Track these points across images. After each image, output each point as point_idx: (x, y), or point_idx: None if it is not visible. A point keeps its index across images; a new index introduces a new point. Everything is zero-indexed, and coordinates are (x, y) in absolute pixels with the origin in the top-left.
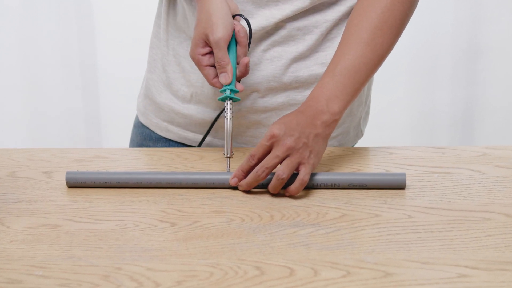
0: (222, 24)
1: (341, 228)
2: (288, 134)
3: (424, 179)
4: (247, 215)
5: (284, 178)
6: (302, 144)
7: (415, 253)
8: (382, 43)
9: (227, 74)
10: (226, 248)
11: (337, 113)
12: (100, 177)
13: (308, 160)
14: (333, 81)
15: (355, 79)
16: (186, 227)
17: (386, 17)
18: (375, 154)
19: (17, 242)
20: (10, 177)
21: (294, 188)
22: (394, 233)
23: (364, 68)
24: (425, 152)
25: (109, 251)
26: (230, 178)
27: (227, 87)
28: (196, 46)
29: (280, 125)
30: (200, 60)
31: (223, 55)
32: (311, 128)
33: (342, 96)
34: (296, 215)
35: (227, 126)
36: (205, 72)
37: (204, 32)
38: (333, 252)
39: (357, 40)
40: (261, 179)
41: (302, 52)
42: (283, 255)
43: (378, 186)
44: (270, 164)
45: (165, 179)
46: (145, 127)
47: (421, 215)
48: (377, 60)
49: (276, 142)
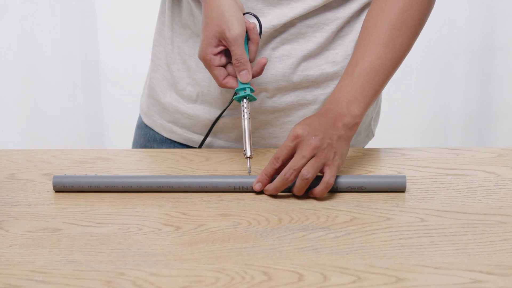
0: (236, 21)
1: (351, 232)
2: (312, 134)
3: (438, 181)
4: (254, 219)
5: (309, 178)
6: (327, 144)
7: (428, 258)
8: (401, 44)
9: (248, 72)
10: (232, 253)
11: (358, 115)
12: (89, 181)
13: (333, 161)
14: (352, 84)
15: (374, 81)
16: (191, 231)
17: (404, 17)
18: (387, 155)
19: (17, 246)
20: (9, 179)
21: (319, 191)
22: (406, 237)
23: (383, 69)
24: (438, 153)
25: (111, 256)
26: (253, 183)
27: (245, 85)
28: (209, 45)
29: (303, 125)
30: (212, 60)
31: (242, 52)
32: (334, 129)
33: (362, 99)
34: (305, 219)
35: (245, 125)
36: (216, 73)
37: (218, 30)
38: (343, 257)
39: (375, 41)
40: (290, 182)
41: (312, 50)
42: (291, 259)
43: (377, 189)
44: (297, 166)
45: (171, 183)
46: (148, 128)
47: (434, 219)
48: (396, 61)
49: (301, 142)
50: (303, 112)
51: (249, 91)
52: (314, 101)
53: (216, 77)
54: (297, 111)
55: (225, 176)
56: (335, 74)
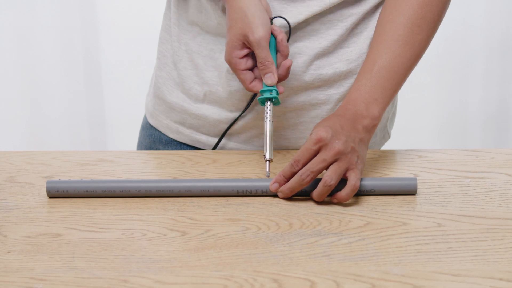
0: (260, 22)
1: (365, 238)
2: (336, 137)
3: (456, 184)
4: (264, 224)
5: (332, 185)
6: (350, 148)
7: (445, 265)
8: (420, 41)
9: (273, 75)
10: (241, 259)
11: (377, 117)
12: (85, 186)
13: (356, 165)
14: (371, 83)
15: (393, 80)
16: (198, 236)
17: (423, 13)
18: (403, 157)
19: (15, 252)
20: (8, 182)
21: (344, 195)
22: (423, 243)
23: (402, 68)
24: (456, 155)
25: (114, 262)
26: (270, 183)
27: (271, 87)
28: (233, 49)
29: (326, 127)
30: (238, 64)
31: (267, 54)
32: (355, 132)
33: (381, 99)
34: (317, 223)
35: (267, 128)
36: (242, 77)
37: (242, 33)
38: (357, 264)
39: (393, 38)
40: (305, 183)
41: (325, 48)
42: (302, 266)
43: (387, 192)
44: (316, 168)
45: (171, 188)
46: (154, 129)
47: (452, 224)
48: (414, 59)
49: (324, 146)
50: (315, 113)
51: (275, 93)
52: (327, 101)
53: (243, 81)
54: (309, 111)
55: (234, 179)
56: (349, 73)
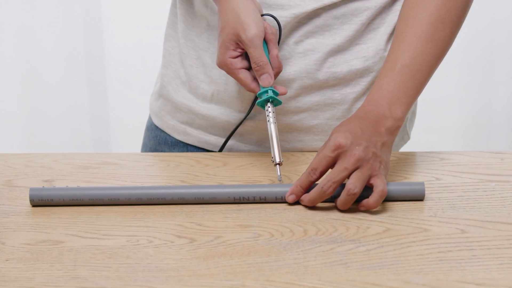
0: (253, 22)
1: (384, 245)
2: (356, 143)
3: (480, 189)
4: (277, 230)
5: (356, 193)
6: (371, 154)
7: (469, 274)
8: (444, 37)
9: (269, 75)
10: (253, 268)
11: (401, 118)
12: (71, 194)
13: (379, 171)
14: (394, 82)
15: (417, 79)
16: (207, 244)
17: (447, 8)
18: (424, 160)
19: (14, 260)
20: (6, 186)
21: (373, 201)
22: (445, 250)
23: (425, 66)
24: (481, 158)
25: (119, 271)
26: (286, 194)
27: (268, 88)
28: (226, 49)
29: (345, 133)
30: (233, 64)
31: (260, 53)
32: (377, 136)
33: (404, 99)
34: (333, 230)
35: (271, 130)
36: (241, 76)
37: (234, 33)
38: (376, 272)
39: (416, 34)
40: (328, 195)
41: (339, 44)
42: (318, 275)
43: (392, 197)
44: (338, 178)
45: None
46: (159, 130)
47: (476, 230)
48: (438, 56)
49: (343, 153)
50: (330, 114)
51: (271, 93)
52: (342, 101)
53: (243, 81)
54: (323, 112)
55: (247, 185)
56: (366, 71)
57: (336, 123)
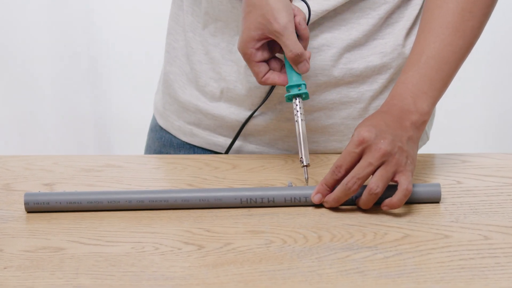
0: (283, 7)
1: (403, 252)
2: (381, 137)
3: (504, 193)
4: (290, 236)
5: (378, 193)
6: (397, 148)
7: (492, 282)
8: (472, 28)
9: (306, 62)
10: (264, 276)
11: (427, 112)
12: (68, 199)
13: (406, 167)
14: (419, 75)
15: (443, 71)
16: (216, 251)
17: None
18: (444, 162)
19: (12, 268)
20: (4, 190)
21: (396, 200)
22: (467, 257)
23: (453, 58)
24: (505, 160)
25: (123, 280)
26: (312, 194)
27: (299, 81)
28: (250, 38)
29: (369, 127)
30: (253, 55)
31: (295, 41)
32: (403, 130)
33: (430, 92)
34: (349, 236)
35: (299, 129)
36: (256, 69)
37: (262, 22)
38: (394, 281)
39: (443, 25)
40: (352, 192)
41: (356, 39)
42: (333, 284)
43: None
44: (362, 174)
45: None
46: (164, 131)
47: (500, 236)
48: (466, 48)
49: (368, 147)
50: (346, 113)
51: (304, 88)
52: (358, 100)
53: (256, 74)
54: (339, 111)
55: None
56: (383, 67)
57: (352, 123)
